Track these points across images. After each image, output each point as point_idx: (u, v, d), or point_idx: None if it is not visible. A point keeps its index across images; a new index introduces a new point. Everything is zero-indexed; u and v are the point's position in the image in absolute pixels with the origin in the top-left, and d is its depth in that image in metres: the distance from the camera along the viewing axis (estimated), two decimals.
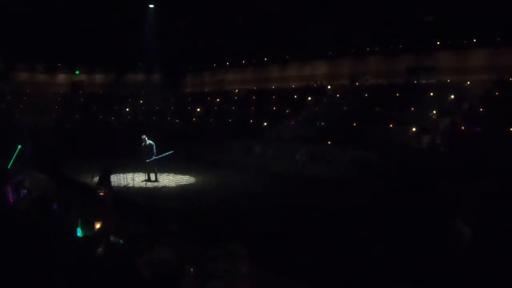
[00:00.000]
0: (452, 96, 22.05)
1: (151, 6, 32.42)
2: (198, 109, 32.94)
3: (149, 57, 34.36)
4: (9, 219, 5.60)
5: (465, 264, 8.24)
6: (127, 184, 17.92)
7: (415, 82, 25.06)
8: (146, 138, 18.22)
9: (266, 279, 6.44)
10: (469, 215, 9.82)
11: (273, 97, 30.47)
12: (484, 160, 15.47)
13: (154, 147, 18.14)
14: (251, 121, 27.57)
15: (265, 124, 26.20)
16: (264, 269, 6.82)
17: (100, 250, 4.55)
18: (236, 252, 2.49)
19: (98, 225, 6.59)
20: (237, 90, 33.87)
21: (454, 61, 24.13)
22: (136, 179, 18.51)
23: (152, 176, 18.39)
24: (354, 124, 22.17)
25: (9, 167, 9.28)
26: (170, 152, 18.23)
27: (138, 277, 3.47)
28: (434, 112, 21.16)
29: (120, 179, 18.88)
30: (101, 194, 7.79)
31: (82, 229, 5.85)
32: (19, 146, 9.74)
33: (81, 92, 37.98)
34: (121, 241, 5.30)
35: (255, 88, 33.15)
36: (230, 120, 28.79)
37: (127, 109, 36.07)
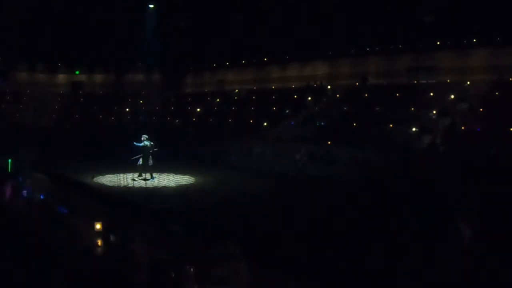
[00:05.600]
0: (452, 96, 22.05)
1: (151, 6, 32.44)
2: (198, 109, 32.94)
3: (149, 57, 34.40)
4: (8, 218, 5.62)
5: (465, 263, 8.24)
6: (127, 184, 17.93)
7: (415, 82, 25.05)
8: (144, 139, 18.20)
9: (265, 279, 6.43)
10: (469, 215, 9.83)
11: (273, 97, 30.48)
12: (484, 160, 15.47)
13: (152, 147, 18.09)
14: (251, 121, 27.56)
15: (265, 124, 26.20)
16: (263, 269, 6.82)
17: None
18: (233, 253, 2.50)
19: (98, 226, 6.60)
20: (237, 90, 33.86)
21: (454, 61, 24.11)
22: (136, 179, 18.51)
23: (146, 175, 18.45)
24: (354, 124, 22.17)
25: (9, 170, 9.37)
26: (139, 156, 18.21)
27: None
28: (434, 112, 21.16)
29: (120, 179, 18.89)
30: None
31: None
32: (9, 160, 9.76)
33: (81, 92, 37.99)
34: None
35: (255, 88, 33.15)
36: (230, 120, 28.79)
37: (127, 109, 36.07)
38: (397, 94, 24.40)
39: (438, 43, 24.34)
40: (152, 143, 18.21)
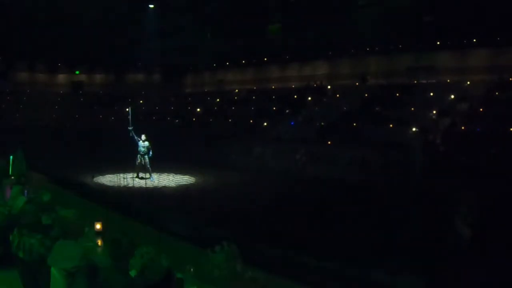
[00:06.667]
0: (452, 96, 22.06)
1: (151, 6, 32.48)
2: (198, 109, 32.93)
3: (149, 57, 34.44)
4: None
5: (464, 262, 8.25)
6: (127, 184, 17.93)
7: (415, 82, 25.06)
8: (143, 139, 18.26)
9: (265, 279, 6.44)
10: (468, 215, 9.83)
11: (273, 97, 30.49)
12: (484, 160, 15.48)
13: (149, 147, 18.18)
14: (251, 121, 27.57)
15: (265, 124, 26.21)
16: (262, 269, 6.83)
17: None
18: (232, 253, 2.50)
19: (98, 226, 6.61)
20: (237, 90, 33.87)
21: (454, 61, 24.13)
22: (136, 179, 18.52)
23: (142, 174, 18.50)
24: (354, 124, 22.17)
25: (10, 173, 9.36)
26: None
27: None
28: (434, 112, 21.17)
29: (120, 179, 18.89)
30: None
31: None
32: (11, 157, 9.75)
33: (81, 92, 38.01)
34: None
35: (255, 88, 33.15)
36: (230, 120, 28.79)
37: (127, 109, 36.01)
38: (397, 94, 24.41)
39: (438, 43, 24.36)
40: (148, 144, 18.18)
